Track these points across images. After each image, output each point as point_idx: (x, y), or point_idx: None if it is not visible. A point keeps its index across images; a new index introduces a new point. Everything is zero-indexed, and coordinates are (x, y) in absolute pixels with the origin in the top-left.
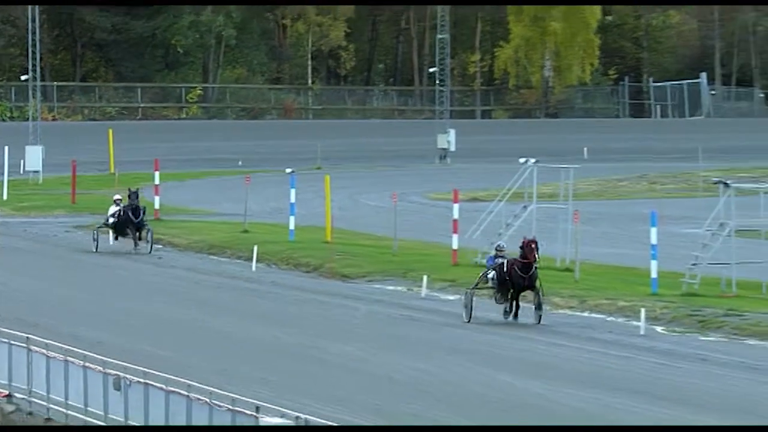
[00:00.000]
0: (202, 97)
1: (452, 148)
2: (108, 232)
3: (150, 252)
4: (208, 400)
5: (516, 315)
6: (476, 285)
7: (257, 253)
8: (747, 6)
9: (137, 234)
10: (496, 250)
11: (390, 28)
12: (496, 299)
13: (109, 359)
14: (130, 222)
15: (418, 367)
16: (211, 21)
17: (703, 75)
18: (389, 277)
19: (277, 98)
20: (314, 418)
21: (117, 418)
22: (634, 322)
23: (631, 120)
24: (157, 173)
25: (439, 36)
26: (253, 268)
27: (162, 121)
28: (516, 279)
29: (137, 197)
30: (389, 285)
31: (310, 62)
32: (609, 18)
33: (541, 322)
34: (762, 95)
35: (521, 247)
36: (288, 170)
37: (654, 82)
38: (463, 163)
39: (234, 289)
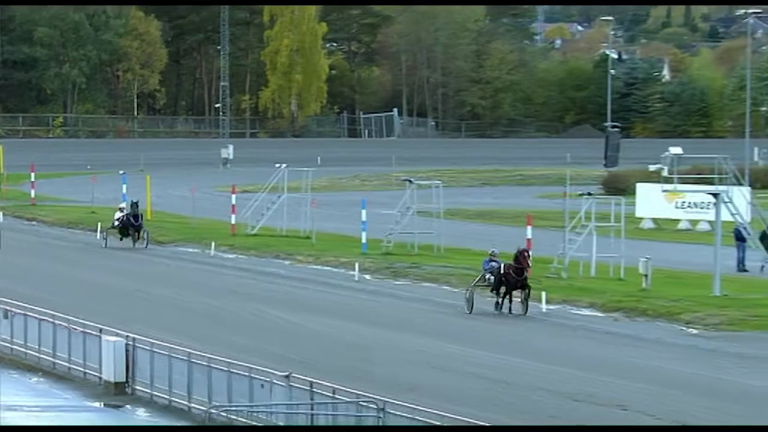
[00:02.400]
0: (63, 123)
1: (231, 158)
2: (114, 232)
3: (146, 247)
4: (67, 325)
5: (509, 307)
6: (476, 283)
7: (101, 227)
8: (423, 65)
9: (136, 234)
10: (490, 255)
11: (189, 77)
12: (496, 293)
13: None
14: (130, 225)
15: (212, 304)
16: (68, 72)
17: (395, 110)
18: (189, 242)
19: (113, 124)
20: (142, 337)
21: (5, 336)
22: (351, 272)
23: (348, 139)
24: (32, 174)
25: (222, 83)
26: (98, 237)
27: (36, 140)
28: (512, 280)
29: (137, 206)
30: (189, 248)
31: (135, 100)
32: (333, 71)
33: (527, 313)
34: (433, 123)
35: (516, 256)
36: (120, 172)
37: (363, 114)
38: (238, 168)
39: (84, 251)
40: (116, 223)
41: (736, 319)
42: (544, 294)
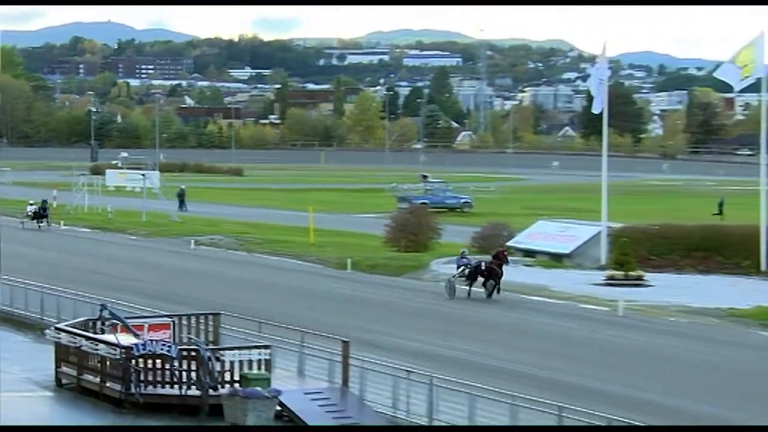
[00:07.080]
0: None
1: None
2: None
3: (49, 228)
4: None
5: (491, 293)
6: (455, 275)
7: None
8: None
9: (44, 220)
10: (461, 253)
11: None
12: (468, 284)
13: None
14: (40, 215)
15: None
16: None
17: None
18: None
19: None
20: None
21: None
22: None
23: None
24: None
25: None
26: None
27: None
28: (493, 272)
29: (46, 203)
30: None
31: None
32: None
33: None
34: (6, 141)
35: (496, 254)
36: None
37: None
38: None
39: None
40: (29, 212)
41: (155, 232)
42: (62, 221)
